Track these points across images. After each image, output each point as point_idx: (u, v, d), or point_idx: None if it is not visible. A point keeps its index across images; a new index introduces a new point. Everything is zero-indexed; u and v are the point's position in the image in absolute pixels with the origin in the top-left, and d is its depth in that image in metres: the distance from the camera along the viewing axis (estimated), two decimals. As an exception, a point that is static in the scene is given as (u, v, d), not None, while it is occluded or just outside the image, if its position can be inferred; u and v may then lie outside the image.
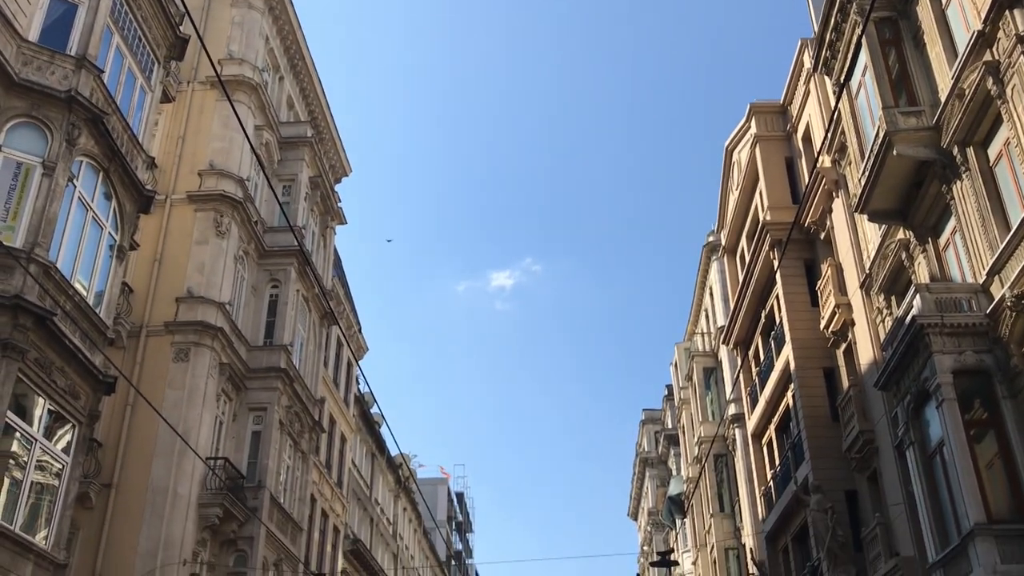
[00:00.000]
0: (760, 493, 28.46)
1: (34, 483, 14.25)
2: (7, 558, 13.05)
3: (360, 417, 38.82)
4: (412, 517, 50.72)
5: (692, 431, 40.10)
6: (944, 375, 14.96)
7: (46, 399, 14.41)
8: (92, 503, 19.86)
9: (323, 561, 30.46)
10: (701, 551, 38.82)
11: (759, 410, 27.77)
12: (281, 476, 25.21)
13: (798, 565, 24.93)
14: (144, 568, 19.57)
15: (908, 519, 18.26)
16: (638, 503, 63.58)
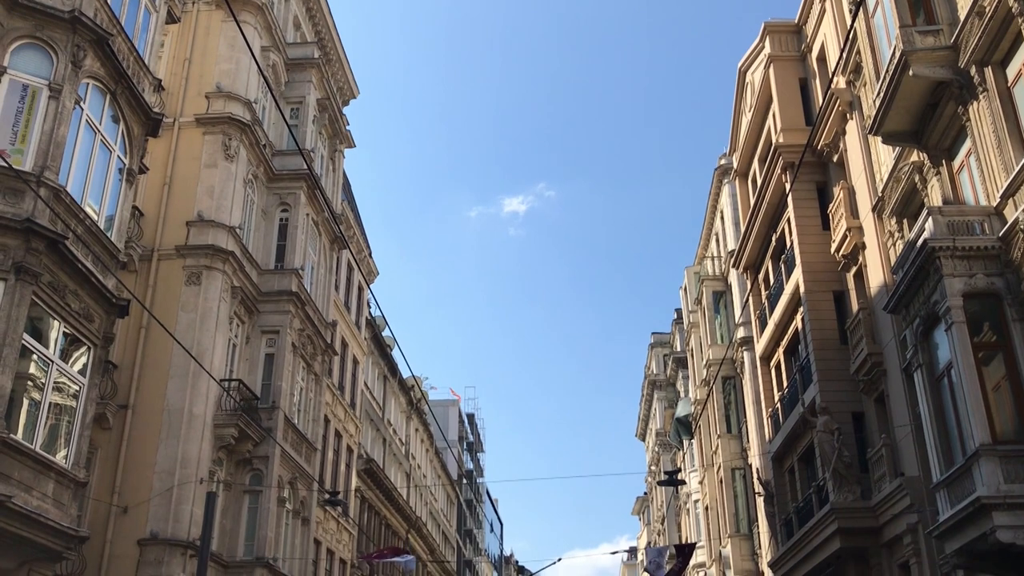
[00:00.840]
0: (767, 415, 28.76)
1: (52, 404, 14.51)
2: (29, 476, 13.36)
3: (372, 340, 39.17)
4: (424, 437, 51.55)
5: (700, 354, 40.37)
6: (954, 298, 14.95)
7: (61, 322, 14.57)
8: (109, 424, 20.24)
9: (337, 480, 31.10)
10: (708, 471, 39.45)
11: (768, 333, 27.88)
12: (295, 398, 25.59)
13: (803, 485, 25.31)
14: (162, 486, 20.03)
15: (914, 440, 18.46)
16: (646, 424, 64.40)
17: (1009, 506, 13.52)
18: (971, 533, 14.21)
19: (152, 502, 19.87)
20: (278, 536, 23.69)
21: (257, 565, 21.71)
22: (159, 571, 19.35)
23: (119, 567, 19.37)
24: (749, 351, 31.60)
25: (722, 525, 36.34)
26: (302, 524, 25.85)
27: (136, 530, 19.69)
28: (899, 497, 18.77)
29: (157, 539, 19.66)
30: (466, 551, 67.94)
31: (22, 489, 13.09)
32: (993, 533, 13.52)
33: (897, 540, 19.34)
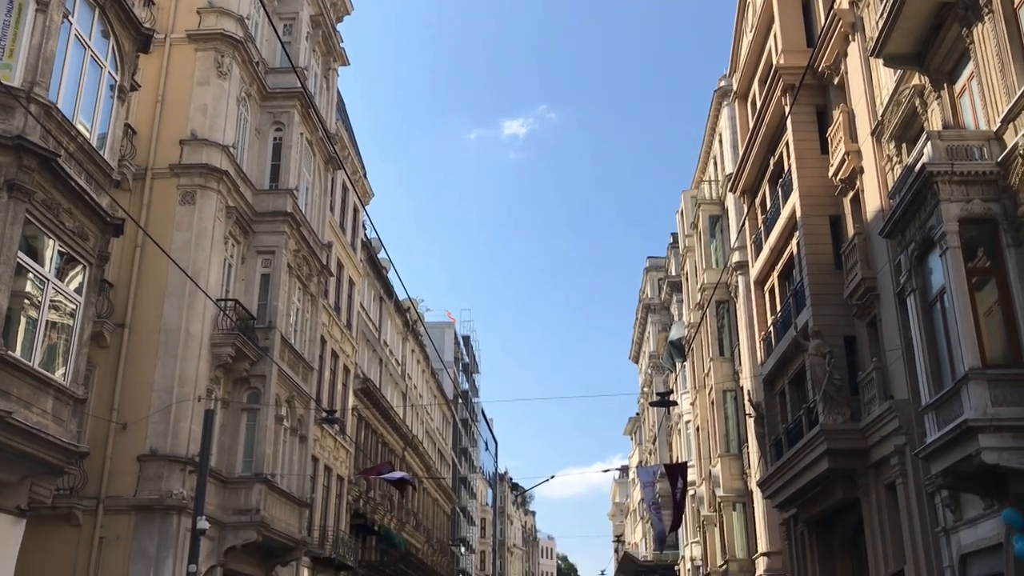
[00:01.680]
0: (760, 338, 29.00)
1: (49, 322, 14.56)
2: (28, 392, 13.49)
3: (368, 262, 39.21)
4: (420, 358, 52.02)
5: (695, 278, 40.51)
6: (950, 223, 14.94)
7: (55, 240, 14.53)
8: (107, 342, 20.38)
9: (334, 399, 31.48)
10: (699, 393, 39.96)
11: (763, 257, 27.94)
12: (291, 318, 25.72)
13: (794, 407, 25.67)
14: (160, 404, 20.27)
15: (904, 364, 18.67)
16: (640, 347, 64.96)
17: (995, 428, 13.74)
18: (957, 455, 14.48)
19: (151, 419, 20.14)
20: (276, 453, 24.08)
21: (256, 481, 22.11)
22: (159, 486, 19.72)
23: (119, 482, 19.73)
24: (744, 275, 31.70)
25: (712, 445, 36.98)
26: (300, 442, 26.26)
27: (135, 446, 20.00)
28: (888, 419, 19.06)
29: (156, 455, 19.98)
30: (462, 468, 69.20)
31: (22, 405, 13.23)
32: (978, 455, 13.77)
33: (884, 461, 19.71)
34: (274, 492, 22.98)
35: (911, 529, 18.51)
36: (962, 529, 16.58)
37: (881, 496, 20.27)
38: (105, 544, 19.27)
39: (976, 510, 16.00)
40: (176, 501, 19.57)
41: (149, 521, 19.52)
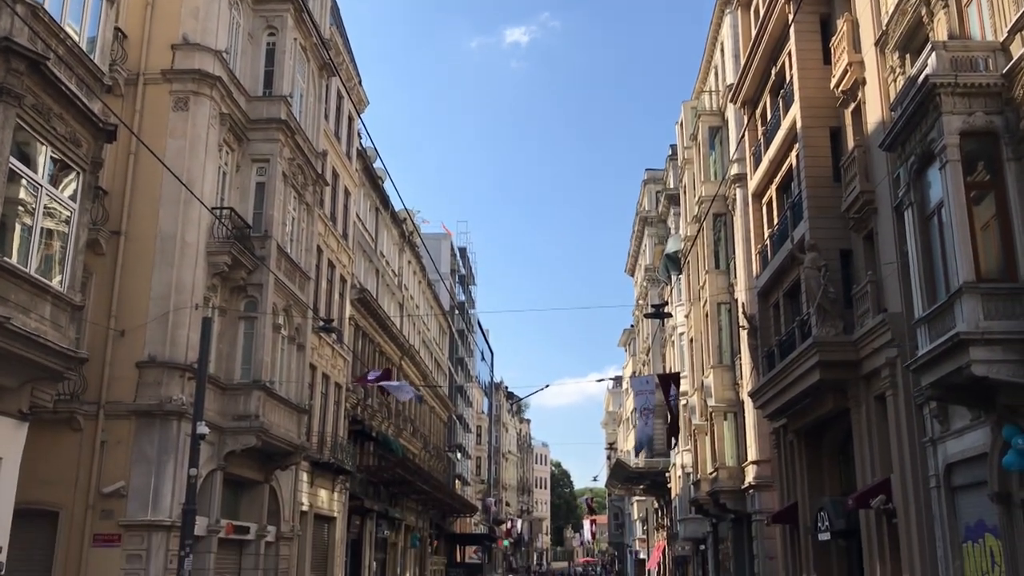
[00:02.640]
0: (756, 251, 29.04)
1: (44, 230, 14.52)
2: (25, 298, 13.54)
3: (363, 172, 38.92)
4: (416, 269, 52.12)
5: (693, 191, 40.32)
6: (951, 136, 14.81)
7: (48, 146, 14.37)
8: (103, 250, 20.37)
9: (331, 308, 31.64)
10: (694, 305, 40.21)
11: (762, 170, 27.76)
12: (287, 227, 25.66)
13: (787, 320, 25.87)
14: (158, 311, 20.38)
15: (899, 278, 18.74)
16: (636, 260, 65.10)
17: (986, 342, 13.89)
18: (947, 367, 14.67)
19: (149, 327, 20.27)
20: (274, 360, 24.32)
21: (254, 387, 22.38)
22: (158, 392, 19.97)
23: (119, 388, 19.98)
24: (742, 188, 31.55)
25: (705, 357, 37.37)
26: (297, 350, 26.49)
27: (134, 353, 20.18)
28: (881, 332, 19.24)
29: (155, 362, 20.17)
30: (458, 378, 70.06)
31: (20, 311, 13.29)
32: (968, 367, 13.95)
33: (875, 373, 19.97)
34: (273, 399, 23.30)
35: (899, 439, 18.88)
36: (949, 440, 16.91)
37: (870, 407, 20.60)
38: (107, 448, 19.62)
39: (963, 421, 16.29)
40: (175, 407, 19.84)
41: (149, 426, 19.83)
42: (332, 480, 31.59)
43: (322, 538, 31.42)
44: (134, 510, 19.35)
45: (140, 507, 19.37)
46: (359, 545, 36.74)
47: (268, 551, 25.04)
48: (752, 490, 31.55)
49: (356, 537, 36.20)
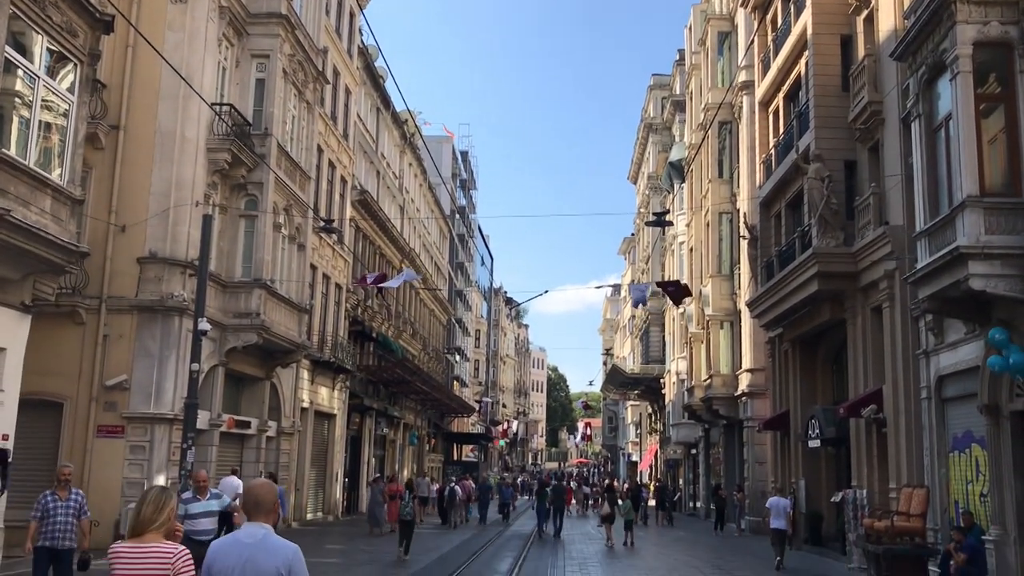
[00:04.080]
0: (760, 160, 28.81)
1: (43, 123, 14.38)
2: (26, 191, 13.49)
3: (364, 70, 38.28)
4: (417, 172, 51.75)
5: (699, 98, 39.76)
6: (964, 46, 14.54)
7: (44, 36, 14.10)
8: (102, 144, 20.20)
9: (332, 209, 31.53)
10: (696, 214, 40.10)
11: (770, 77, 27.32)
12: (287, 125, 25.39)
13: (788, 230, 25.85)
14: (158, 207, 20.33)
15: (903, 191, 18.66)
16: (639, 167, 64.61)
17: (986, 256, 13.92)
18: (945, 280, 14.73)
19: (149, 223, 20.25)
20: (275, 259, 24.39)
21: (255, 285, 22.50)
22: (159, 288, 20.09)
23: (121, 283, 20.08)
24: (749, 95, 31.11)
25: (704, 266, 37.48)
26: (298, 249, 26.54)
27: (135, 249, 20.22)
28: (881, 244, 19.26)
29: (156, 258, 20.23)
30: (457, 282, 70.35)
31: (20, 204, 13.26)
32: (966, 281, 14.01)
33: (873, 285, 20.06)
34: (273, 297, 23.44)
35: (893, 350, 19.09)
36: (942, 352, 17.10)
37: (867, 319, 20.77)
38: (109, 342, 19.84)
39: (957, 334, 16.45)
40: (177, 303, 19.99)
41: (151, 321, 20.01)
42: (332, 378, 32.05)
43: (322, 434, 32.06)
44: (137, 403, 19.68)
45: (143, 400, 19.70)
46: (358, 442, 37.52)
47: (269, 445, 25.59)
48: (745, 397, 32.07)
49: (355, 434, 36.94)
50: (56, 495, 10.15)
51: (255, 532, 4.43)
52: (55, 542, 10.01)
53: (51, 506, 10.10)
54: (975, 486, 16.14)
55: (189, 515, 10.90)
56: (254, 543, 4.38)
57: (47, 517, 10.02)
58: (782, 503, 21.05)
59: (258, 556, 4.34)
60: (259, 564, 4.32)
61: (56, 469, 10.67)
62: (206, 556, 4.50)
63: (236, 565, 4.35)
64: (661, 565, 20.23)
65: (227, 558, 4.39)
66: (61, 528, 10.04)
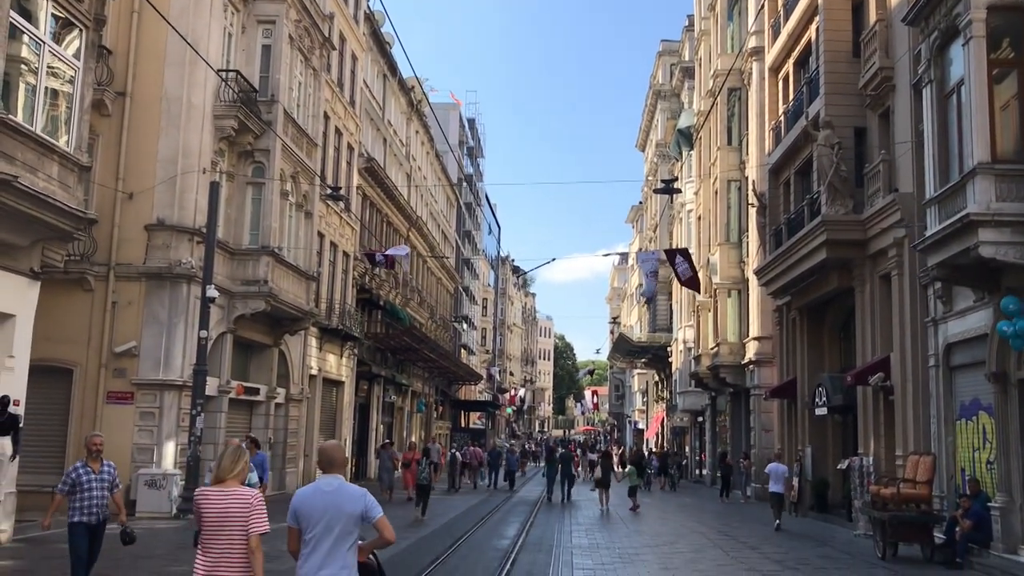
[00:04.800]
0: (770, 127, 28.60)
1: (49, 89, 14.33)
2: (33, 158, 13.47)
3: (371, 36, 38.02)
4: (424, 140, 51.54)
5: (709, 64, 39.41)
6: (977, 11, 14.35)
7: (49, 1, 14.02)
8: (109, 111, 20.16)
9: (339, 176, 31.48)
10: (704, 182, 39.92)
11: (780, 43, 27.05)
12: (293, 92, 25.27)
13: (797, 198, 25.72)
14: (165, 174, 20.31)
15: (913, 158, 18.52)
16: (647, 135, 64.24)
17: (996, 223, 13.83)
18: (955, 248, 14.65)
19: (156, 190, 20.25)
20: (282, 227, 24.38)
21: (263, 253, 22.52)
22: (167, 255, 20.12)
23: (129, 250, 20.12)
24: (758, 62, 30.82)
25: (713, 234, 37.37)
26: (305, 217, 26.52)
27: (143, 216, 20.24)
28: (890, 212, 19.15)
29: (164, 225, 20.25)
30: (465, 251, 70.31)
31: (27, 170, 13.25)
32: (976, 248, 13.94)
33: (882, 253, 19.98)
34: (281, 265, 23.46)
35: (901, 318, 19.05)
36: (950, 320, 17.06)
37: (875, 286, 20.71)
38: (118, 309, 19.92)
39: (966, 302, 16.39)
40: (185, 270, 20.02)
41: (159, 288, 20.06)
42: (340, 346, 32.16)
43: (330, 401, 32.24)
44: (146, 369, 19.80)
45: (152, 367, 19.80)
46: (367, 409, 37.73)
47: (278, 412, 25.74)
48: (752, 365, 32.08)
49: (364, 401, 37.13)
50: (88, 467, 9.32)
51: (332, 482, 5.46)
52: (91, 517, 9.25)
53: (84, 479, 9.28)
54: (982, 453, 16.17)
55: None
56: (333, 491, 5.39)
57: (80, 491, 9.23)
58: (780, 469, 21.89)
59: (338, 501, 5.36)
60: (341, 507, 5.35)
61: (86, 439, 9.69)
62: (292, 500, 5.45)
63: (320, 507, 5.34)
64: (667, 530, 20.37)
65: (312, 502, 5.38)
66: (97, 502, 9.26)
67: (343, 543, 5.35)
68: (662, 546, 17.13)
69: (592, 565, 14.06)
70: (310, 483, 5.78)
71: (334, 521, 5.34)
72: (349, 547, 5.38)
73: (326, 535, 5.33)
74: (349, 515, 5.36)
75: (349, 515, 5.36)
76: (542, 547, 16.39)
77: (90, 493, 9.20)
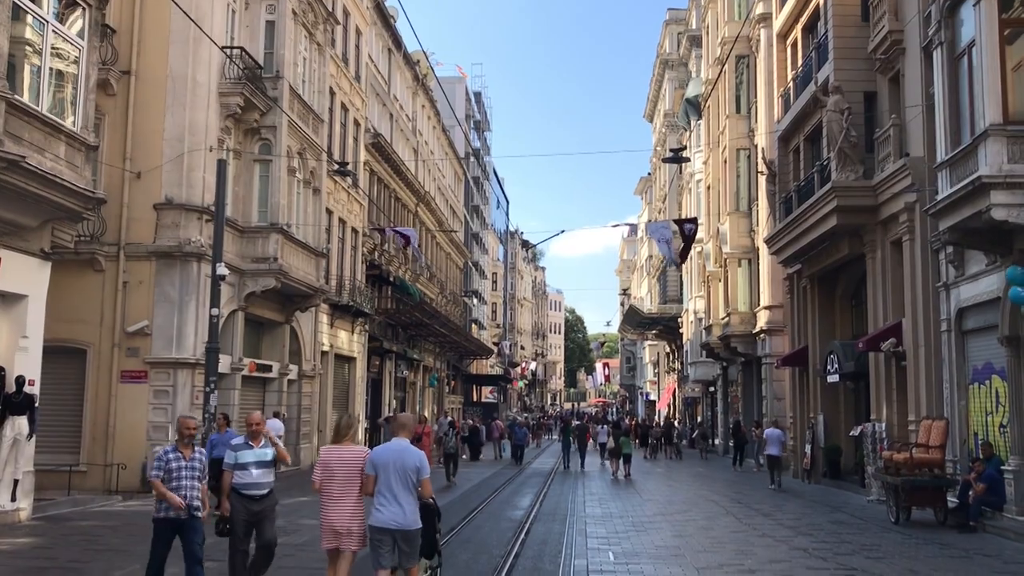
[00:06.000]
0: (778, 94, 28.39)
1: (54, 70, 14.31)
2: (40, 138, 13.47)
3: (375, 10, 37.78)
4: (431, 114, 51.34)
5: (716, 32, 39.08)
6: (989, -30, 14.17)
7: (51, -21, 13.98)
8: (114, 90, 20.12)
9: (345, 152, 31.41)
10: (712, 151, 39.70)
11: (787, 8, 26.79)
12: (298, 68, 25.18)
13: (807, 165, 25.56)
14: (172, 153, 20.29)
15: (923, 121, 18.37)
16: (655, 105, 63.87)
17: (1008, 185, 13.73)
18: (966, 211, 14.56)
19: (164, 168, 20.23)
20: (291, 204, 24.37)
21: (272, 230, 22.52)
22: (176, 234, 20.13)
23: (138, 230, 20.15)
24: (766, 28, 30.53)
25: (722, 204, 37.22)
26: (313, 194, 26.50)
27: (151, 195, 20.24)
28: (901, 176, 19.01)
29: (172, 204, 20.25)
30: (473, 225, 70.22)
31: (34, 151, 13.25)
32: (988, 211, 13.85)
33: (893, 218, 19.86)
34: (290, 242, 23.48)
35: (912, 284, 18.97)
36: (962, 284, 16.98)
37: (886, 252, 20.61)
38: (129, 288, 19.97)
39: (978, 266, 16.31)
40: (194, 248, 20.05)
41: (169, 267, 20.10)
42: (351, 322, 32.24)
43: (343, 377, 32.37)
44: (159, 348, 19.88)
45: (164, 345, 19.89)
46: (379, 384, 37.88)
47: (291, 388, 25.86)
48: (763, 334, 32.06)
49: (376, 376, 37.27)
50: (179, 453, 8.28)
51: (400, 443, 7.51)
52: (179, 512, 8.12)
53: (174, 465, 8.20)
54: (995, 417, 16.14)
55: (239, 464, 8.60)
56: (400, 449, 7.42)
57: (169, 480, 8.16)
58: (776, 433, 24.42)
59: (403, 457, 7.36)
60: (404, 461, 7.33)
61: (179, 422, 8.62)
62: (370, 455, 7.47)
63: (391, 460, 7.33)
64: (680, 499, 20.45)
65: (386, 457, 7.37)
66: (187, 493, 8.17)
67: (406, 488, 7.30)
68: (675, 514, 17.20)
69: (606, 533, 14.14)
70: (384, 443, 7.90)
71: (400, 472, 7.29)
72: (410, 491, 7.32)
73: (395, 481, 7.27)
74: (410, 468, 7.31)
75: (410, 468, 7.31)
76: (556, 517, 16.48)
77: (180, 482, 8.19)
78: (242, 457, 8.63)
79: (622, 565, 11.20)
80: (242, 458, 8.63)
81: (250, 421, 8.90)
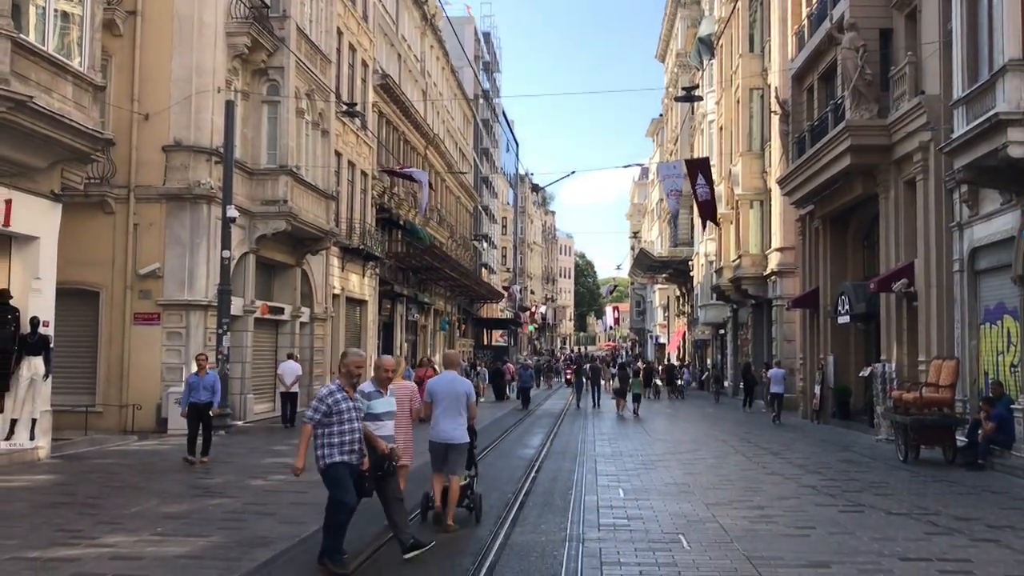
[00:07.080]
0: (792, 32, 27.92)
1: (58, 10, 14.17)
2: (47, 78, 13.39)
3: (382, -52, 37.13)
4: (439, 55, 50.74)
5: (729, -32, 38.32)
6: (1011, -101, 13.80)
7: (53, -85, 13.76)
8: (120, 31, 19.93)
9: (354, 94, 31.11)
10: (725, 91, 39.21)
11: (803, -57, 26.23)
12: (305, 7, 24.87)
13: (821, 104, 25.23)
14: (180, 95, 20.15)
15: (940, 58, 18.07)
16: (667, 45, 62.95)
17: (1025, 122, 13.52)
18: (982, 149, 14.38)
19: (172, 110, 20.11)
20: (299, 146, 24.24)
21: (281, 172, 22.45)
22: (186, 176, 20.08)
23: (148, 172, 20.10)
24: (781, -36, 29.92)
25: (734, 144, 36.86)
26: (322, 135, 26.35)
27: (160, 137, 20.15)
28: (916, 115, 18.75)
29: (181, 146, 20.17)
30: (483, 169, 69.84)
31: (42, 91, 13.18)
32: (1004, 148, 13.67)
33: (907, 158, 19.65)
34: (300, 184, 23.41)
35: (926, 224, 18.84)
36: (976, 224, 16.85)
37: (900, 192, 20.44)
38: (140, 230, 20.00)
39: (992, 206, 16.17)
40: (204, 190, 20.01)
41: (180, 209, 20.09)
42: (362, 266, 32.28)
43: (354, 320, 32.52)
44: (171, 290, 19.97)
45: (176, 287, 19.97)
46: (391, 327, 38.05)
47: (303, 331, 26.00)
48: (774, 276, 31.99)
49: (387, 320, 37.42)
50: (346, 393, 7.46)
51: (452, 374, 9.68)
52: (352, 455, 7.36)
53: (343, 406, 7.34)
54: (1006, 357, 16.13)
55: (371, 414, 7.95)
56: (452, 379, 9.53)
57: (338, 423, 7.31)
58: (779, 373, 26.88)
59: (455, 385, 9.39)
60: (456, 389, 9.34)
61: (345, 359, 7.63)
62: (428, 385, 9.67)
63: (445, 387, 9.38)
64: (689, 439, 20.61)
65: (441, 386, 9.42)
66: (359, 436, 7.45)
67: (458, 411, 9.26)
68: (684, 453, 17.35)
69: (615, 471, 14.27)
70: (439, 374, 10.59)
71: (452, 397, 9.25)
72: (460, 413, 9.24)
73: (449, 405, 9.23)
74: (460, 394, 9.30)
75: (460, 394, 9.30)
76: (566, 455, 16.64)
77: (351, 425, 7.36)
78: (375, 407, 7.99)
79: (632, 501, 11.33)
80: (375, 407, 7.99)
81: (385, 366, 8.14)
